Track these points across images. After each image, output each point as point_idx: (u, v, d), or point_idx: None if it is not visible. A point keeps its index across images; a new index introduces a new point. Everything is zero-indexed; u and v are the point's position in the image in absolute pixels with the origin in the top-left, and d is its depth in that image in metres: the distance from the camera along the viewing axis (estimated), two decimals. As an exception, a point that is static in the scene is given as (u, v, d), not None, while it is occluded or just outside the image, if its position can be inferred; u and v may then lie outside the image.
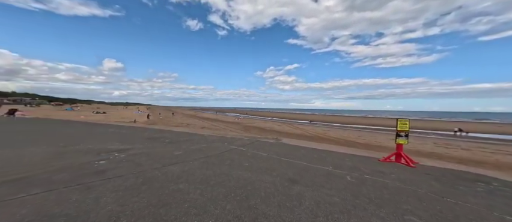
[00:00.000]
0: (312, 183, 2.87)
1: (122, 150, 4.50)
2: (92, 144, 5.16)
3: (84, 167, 3.21)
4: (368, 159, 4.74)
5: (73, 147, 4.72)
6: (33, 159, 3.68)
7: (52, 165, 3.24)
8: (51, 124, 11.57)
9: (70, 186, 2.41)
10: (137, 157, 3.92)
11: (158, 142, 5.70)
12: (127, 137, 6.49)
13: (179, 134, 7.56)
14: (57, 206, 1.91)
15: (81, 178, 2.69)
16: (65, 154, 4.06)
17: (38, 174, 2.80)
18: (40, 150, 4.34)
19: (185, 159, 3.86)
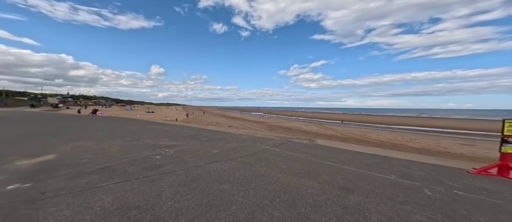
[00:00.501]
0: (373, 194, 2.41)
1: (170, 147, 4.97)
2: (148, 140, 5.87)
3: (146, 160, 3.62)
4: (447, 169, 3.87)
5: (136, 142, 5.44)
6: (111, 150, 4.36)
7: (125, 157, 3.77)
8: (118, 121, 13.71)
9: (138, 178, 2.73)
10: (182, 153, 4.24)
11: (197, 140, 6.11)
12: (172, 135, 7.16)
13: (213, 133, 7.97)
14: (132, 197, 2.15)
15: (145, 171, 3.03)
16: (131, 148, 4.72)
17: (116, 165, 3.28)
18: (114, 144, 5.13)
19: (223, 158, 3.97)
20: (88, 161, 3.48)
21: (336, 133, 16.39)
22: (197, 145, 5.24)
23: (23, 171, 2.87)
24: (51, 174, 2.74)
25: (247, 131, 10.35)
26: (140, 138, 6.18)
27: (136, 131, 7.89)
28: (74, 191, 2.25)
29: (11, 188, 2.28)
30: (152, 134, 7.09)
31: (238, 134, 7.90)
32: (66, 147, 4.53)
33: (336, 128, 21.21)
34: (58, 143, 5.01)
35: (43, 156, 3.72)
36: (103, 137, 6.16)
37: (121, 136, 6.44)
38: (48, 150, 4.18)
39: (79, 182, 2.49)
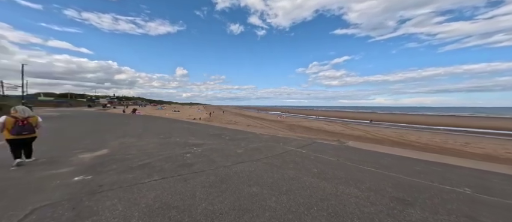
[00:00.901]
0: (445, 211, 1.93)
1: (198, 145, 5.15)
2: (178, 138, 6.21)
3: (178, 158, 3.79)
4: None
5: (168, 140, 5.82)
6: (149, 147, 4.71)
7: (161, 154, 4.03)
8: (152, 120, 15.04)
9: (174, 176, 2.84)
10: (209, 153, 4.33)
11: (221, 139, 6.23)
12: (198, 133, 7.46)
13: (234, 132, 8.07)
14: (170, 196, 2.21)
15: (179, 169, 3.15)
16: (165, 145, 5.04)
17: (154, 162, 3.50)
18: (151, 141, 5.56)
19: (249, 158, 3.92)
20: (133, 156, 3.80)
21: (365, 134, 14.61)
22: (221, 144, 5.32)
23: (85, 164, 3.26)
24: (106, 168, 3.05)
25: (267, 130, 10.22)
26: (171, 136, 6.59)
27: (167, 129, 8.47)
28: (123, 185, 2.43)
29: (77, 180, 2.58)
30: (180, 132, 7.51)
31: (259, 133, 7.82)
32: (115, 143, 5.07)
33: (365, 128, 18.81)
34: (109, 139, 5.65)
35: (99, 151, 4.20)
36: (142, 135, 6.75)
37: (156, 134, 6.97)
38: (102, 146, 4.72)
39: (127, 177, 2.69)
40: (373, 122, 29.42)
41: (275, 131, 11.35)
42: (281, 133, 8.70)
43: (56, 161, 3.39)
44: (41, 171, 2.84)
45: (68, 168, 3.00)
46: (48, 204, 1.88)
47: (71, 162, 3.32)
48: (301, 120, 32.10)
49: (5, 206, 1.83)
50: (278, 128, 17.57)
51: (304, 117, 40.99)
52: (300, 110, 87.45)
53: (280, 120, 30.81)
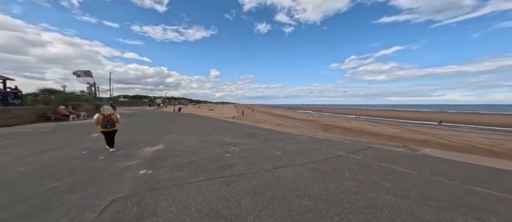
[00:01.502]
0: None
1: (235, 144, 5.14)
2: (216, 136, 6.49)
3: (219, 158, 3.82)
4: None
5: (207, 138, 6.14)
6: (193, 144, 5.04)
7: (203, 153, 4.20)
8: (193, 118, 16.84)
9: (217, 178, 2.78)
10: (247, 153, 4.19)
11: (256, 139, 6.07)
12: (232, 132, 7.62)
13: (268, 132, 7.81)
14: (216, 201, 2.08)
15: (221, 170, 3.09)
16: (205, 143, 5.31)
17: (199, 160, 3.63)
18: (194, 138, 5.96)
19: (290, 162, 3.53)
20: (181, 153, 4.10)
21: (434, 138, 11.21)
22: (257, 145, 5.13)
23: (147, 158, 3.71)
24: (162, 164, 3.35)
25: (301, 130, 9.44)
26: (209, 133, 6.97)
27: (206, 127, 9.12)
28: (175, 183, 2.53)
29: (142, 173, 2.90)
30: (217, 130, 7.88)
31: (295, 134, 7.25)
32: (167, 139, 5.74)
33: (432, 132, 14.42)
34: (163, 135, 6.49)
35: (156, 146, 4.81)
36: (186, 131, 7.47)
37: (197, 131, 7.57)
38: (159, 141, 5.41)
39: (178, 175, 2.83)
40: (443, 124, 22.52)
41: (309, 131, 10.38)
42: (319, 134, 7.76)
43: (128, 153, 4.05)
44: (119, 162, 3.40)
45: (136, 161, 3.47)
46: (121, 197, 2.11)
47: (138, 155, 3.87)
48: (337, 120, 28.64)
49: (93, 194, 2.16)
50: (311, 128, 16.18)
51: (340, 116, 36.37)
52: (334, 108, 78.34)
53: (312, 120, 28.49)
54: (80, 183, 2.46)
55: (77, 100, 14.43)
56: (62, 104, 11.66)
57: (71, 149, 4.28)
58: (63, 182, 2.49)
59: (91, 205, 1.91)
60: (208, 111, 40.07)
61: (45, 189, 2.25)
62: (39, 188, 2.29)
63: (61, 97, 13.25)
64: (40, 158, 3.50)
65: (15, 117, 8.25)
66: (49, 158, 3.55)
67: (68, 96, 14.65)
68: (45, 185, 2.37)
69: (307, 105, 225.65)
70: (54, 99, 12.26)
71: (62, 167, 3.09)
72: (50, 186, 2.33)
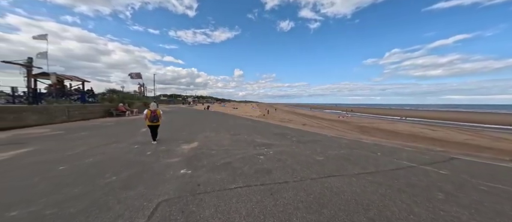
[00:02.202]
0: None
1: (267, 145, 4.79)
2: (245, 135, 6.30)
3: (253, 160, 3.51)
4: None
5: (238, 137, 6.00)
6: (225, 143, 4.94)
7: (237, 153, 4.01)
8: (220, 115, 17.55)
9: (257, 185, 2.46)
10: (283, 157, 3.77)
11: (288, 140, 5.56)
12: (261, 131, 7.31)
13: (299, 133, 7.17)
14: (262, 216, 1.76)
15: (259, 175, 2.77)
16: (236, 143, 5.16)
17: (234, 162, 3.42)
18: (225, 137, 5.88)
19: (339, 171, 2.93)
20: (215, 153, 4.03)
21: None
22: (291, 147, 4.64)
23: (185, 156, 3.77)
24: (199, 163, 3.31)
25: (337, 132, 8.26)
26: (239, 132, 6.87)
27: (234, 126, 9.16)
28: (215, 189, 2.35)
29: (182, 173, 2.87)
30: (246, 129, 7.73)
31: (332, 135, 6.37)
32: (201, 136, 5.91)
33: None
34: (197, 131, 6.77)
35: (192, 143, 4.95)
36: (217, 130, 7.61)
37: (227, 130, 7.61)
38: (194, 138, 5.61)
39: (216, 178, 2.66)
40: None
41: (344, 133, 9.06)
42: (364, 137, 6.56)
43: (169, 150, 4.26)
44: (163, 159, 3.55)
45: (176, 159, 3.56)
46: (166, 200, 2.05)
47: (177, 153, 4.00)
48: (375, 121, 24.78)
49: (142, 194, 2.18)
50: (345, 130, 14.37)
51: (378, 117, 31.27)
52: (369, 108, 68.04)
53: (343, 120, 25.50)
54: (133, 179, 2.58)
55: (131, 98, 17.18)
56: (121, 101, 14.04)
57: (126, 142, 4.85)
58: (119, 176, 2.67)
59: (141, 207, 1.89)
60: (233, 109, 41.51)
61: (106, 184, 2.43)
62: (101, 180, 2.50)
63: (121, 96, 16.01)
64: (104, 150, 4.04)
65: (91, 112, 10.37)
66: (111, 150, 4.06)
67: (125, 95, 17.60)
68: (106, 178, 2.59)
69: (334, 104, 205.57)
70: (116, 97, 14.90)
71: (120, 160, 3.42)
72: (109, 180, 2.52)
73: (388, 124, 20.55)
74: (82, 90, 12.24)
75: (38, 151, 3.79)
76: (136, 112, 14.12)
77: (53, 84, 9.79)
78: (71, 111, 8.69)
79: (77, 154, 3.65)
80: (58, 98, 9.53)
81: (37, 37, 9.30)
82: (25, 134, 5.66)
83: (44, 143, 4.53)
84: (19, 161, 3.21)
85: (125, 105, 13.74)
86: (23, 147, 4.13)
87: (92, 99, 12.58)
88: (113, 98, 14.65)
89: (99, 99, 13.37)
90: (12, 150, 3.85)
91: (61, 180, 2.46)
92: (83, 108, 9.89)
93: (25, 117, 6.46)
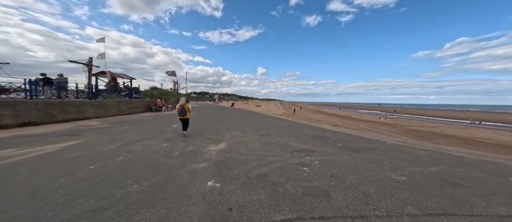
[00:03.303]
0: None
1: (306, 152, 3.79)
2: (277, 137, 5.31)
3: (297, 174, 2.61)
4: None
5: (268, 138, 5.11)
6: (255, 146, 4.14)
7: (271, 162, 3.19)
8: (245, 113, 17.13)
9: (314, 218, 1.64)
10: (337, 170, 2.74)
11: (331, 145, 4.37)
12: (294, 133, 6.27)
13: (340, 135, 5.80)
14: None
15: (312, 201, 1.86)
16: (268, 146, 4.32)
17: (271, 174, 2.60)
18: (253, 138, 5.10)
19: (453, 206, 1.74)
20: (245, 158, 3.36)
21: None
22: (342, 156, 3.52)
23: (213, 161, 3.25)
24: (229, 173, 2.70)
25: (386, 136, 6.25)
26: (268, 133, 6.07)
27: (261, 124, 8.44)
28: (253, 220, 1.59)
29: (210, 187, 2.29)
30: (275, 130, 6.87)
31: (393, 142, 4.76)
32: (228, 136, 5.41)
33: None
34: (223, 130, 6.36)
35: (220, 144, 4.46)
36: (244, 129, 7.04)
37: (254, 129, 6.94)
38: (221, 138, 5.15)
39: (252, 200, 1.93)
40: None
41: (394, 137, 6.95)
42: (448, 148, 4.59)
43: (196, 151, 3.86)
44: (189, 163, 3.11)
45: (203, 164, 3.05)
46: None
47: (204, 156, 3.52)
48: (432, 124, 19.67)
49: (159, 218, 1.64)
50: (392, 134, 11.60)
51: (435, 120, 24.78)
52: (418, 109, 55.43)
53: (387, 122, 21.29)
54: (154, 191, 2.14)
55: (167, 94, 19.01)
56: (159, 97, 15.56)
57: (157, 139, 4.77)
58: (141, 185, 2.29)
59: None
60: (256, 107, 41.31)
61: (124, 194, 2.05)
62: (121, 190, 2.14)
63: (159, 92, 17.89)
64: (136, 148, 3.94)
65: (135, 106, 11.75)
66: (140, 148, 3.94)
67: (163, 91, 19.64)
68: (127, 186, 2.24)
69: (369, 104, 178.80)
70: (155, 94, 16.68)
71: (147, 161, 3.15)
72: (129, 190, 2.15)
73: (456, 129, 15.72)
74: (129, 87, 14.10)
75: (82, 145, 3.99)
76: (171, 107, 15.37)
77: (109, 82, 11.50)
78: (120, 105, 9.96)
79: (111, 151, 3.63)
80: (111, 93, 11.12)
81: (98, 40, 11.09)
82: (82, 125, 6.45)
83: (91, 136, 4.87)
84: (61, 155, 3.28)
85: (162, 100, 15.13)
86: (74, 139, 4.50)
87: (136, 95, 14.36)
88: (152, 94, 16.43)
89: (142, 95, 15.18)
90: (64, 142, 4.18)
91: (82, 186, 2.22)
92: (130, 103, 11.26)
93: (84, 111, 7.61)
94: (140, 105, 12.55)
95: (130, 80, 14.34)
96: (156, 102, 14.29)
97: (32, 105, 5.85)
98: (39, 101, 6.09)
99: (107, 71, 10.95)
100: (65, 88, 8.23)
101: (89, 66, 9.89)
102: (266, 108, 41.07)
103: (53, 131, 5.33)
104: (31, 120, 5.72)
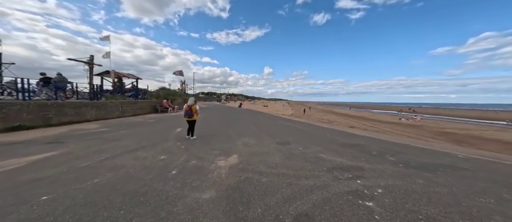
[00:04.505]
0: None
1: (352, 171, 2.71)
2: (300, 146, 4.27)
3: (359, 217, 1.65)
4: None
5: (288, 147, 4.07)
6: (275, 159, 3.12)
7: (307, 189, 2.15)
8: (253, 114, 16.19)
9: None
10: (426, 208, 1.68)
11: (382, 159, 3.24)
12: (318, 140, 5.17)
13: (377, 143, 4.60)
14: None
15: None
16: (294, 160, 3.23)
17: (315, 213, 1.71)
18: (271, 146, 4.13)
19: None
20: (268, 182, 2.39)
21: None
22: (414, 180, 2.41)
23: (223, 186, 2.32)
24: (249, 213, 1.72)
25: (439, 143, 4.69)
26: (287, 140, 5.03)
27: (275, 128, 7.41)
28: None
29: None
30: (293, 135, 5.80)
31: (466, 156, 3.41)
32: (240, 144, 4.47)
33: None
34: (234, 136, 5.43)
35: (231, 156, 3.55)
36: (256, 133, 6.08)
37: (268, 134, 5.95)
38: (232, 147, 4.24)
39: None
40: None
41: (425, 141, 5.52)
42: None
43: (201, 166, 2.96)
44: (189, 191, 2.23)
45: (210, 193, 2.13)
46: None
47: (211, 177, 2.61)
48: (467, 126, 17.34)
49: None
50: (424, 137, 9.98)
51: (462, 121, 22.06)
52: (436, 108, 51.06)
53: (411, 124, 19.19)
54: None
55: (174, 95, 18.65)
56: (166, 97, 15.12)
57: (154, 149, 3.93)
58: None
59: None
60: (263, 107, 40.26)
61: None
62: None
63: (165, 93, 17.53)
64: (123, 162, 3.10)
65: (140, 108, 11.30)
66: (130, 162, 3.10)
67: (169, 92, 19.31)
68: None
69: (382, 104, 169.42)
70: (162, 94, 16.30)
71: (133, 186, 2.31)
72: None
73: (497, 132, 13.50)
74: (134, 87, 13.75)
75: (58, 158, 3.12)
76: (177, 108, 14.85)
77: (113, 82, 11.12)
78: (124, 107, 9.50)
79: (89, 168, 2.78)
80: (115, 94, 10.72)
81: (103, 38, 10.70)
82: (77, 129, 5.74)
83: (77, 145, 4.08)
84: (16, 177, 2.44)
85: (168, 101, 14.66)
86: (54, 149, 3.71)
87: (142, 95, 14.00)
88: (159, 94, 16.06)
89: (148, 95, 14.83)
90: (40, 153, 3.40)
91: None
92: (134, 104, 10.83)
93: (84, 113, 7.12)
94: (145, 106, 12.11)
95: (136, 79, 14.01)
96: (162, 103, 13.82)
97: (23, 107, 5.33)
98: (32, 103, 5.59)
99: (111, 70, 10.56)
100: (63, 88, 7.81)
101: (90, 64, 9.51)
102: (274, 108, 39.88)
103: (40, 137, 4.66)
104: (22, 123, 5.20)
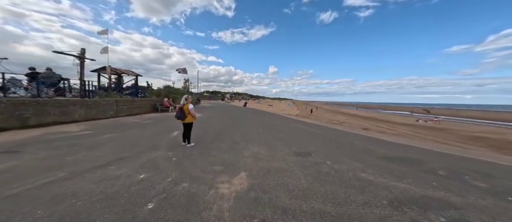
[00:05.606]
0: None
1: (431, 205, 1.71)
2: (326, 158, 3.25)
3: None
4: None
5: (311, 160, 3.06)
6: (301, 185, 2.15)
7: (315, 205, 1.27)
8: (260, 114, 15.20)
9: None
10: None
11: (459, 182, 2.19)
12: (343, 147, 4.14)
13: (420, 152, 3.50)
14: None
15: None
16: (325, 182, 2.29)
17: None
18: (289, 159, 3.14)
19: None
20: (291, 216, 1.40)
21: None
22: None
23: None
24: None
25: (475, 150, 3.59)
26: (307, 150, 4.03)
27: (287, 132, 6.40)
28: None
29: None
30: (311, 143, 4.76)
31: None
32: (248, 156, 3.51)
33: None
34: (240, 143, 4.51)
35: (237, 175, 2.62)
36: (266, 139, 5.08)
37: (281, 140, 4.96)
38: (238, 158, 3.32)
39: None
40: None
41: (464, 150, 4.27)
42: None
43: (192, 196, 2.05)
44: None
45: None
46: None
47: (207, 218, 1.67)
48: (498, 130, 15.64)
49: None
50: (455, 142, 8.61)
51: (492, 123, 20.13)
52: (450, 109, 48.40)
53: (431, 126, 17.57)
54: None
55: (176, 93, 18.01)
56: (167, 96, 14.45)
57: (135, 162, 3.05)
58: None
59: None
60: (268, 106, 39.24)
61: None
62: None
63: (167, 91, 16.90)
64: (82, 186, 2.22)
65: (138, 107, 10.64)
66: (92, 186, 2.19)
67: (171, 90, 18.71)
68: None
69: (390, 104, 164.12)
70: (162, 92, 15.66)
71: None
72: None
73: None
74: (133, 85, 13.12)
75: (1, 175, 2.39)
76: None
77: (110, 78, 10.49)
78: (119, 105, 8.82)
79: (16, 198, 1.90)
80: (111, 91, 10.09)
81: (100, 33, 10.08)
82: (54, 132, 4.84)
83: (35, 155, 3.08)
84: None
85: (169, 100, 13.98)
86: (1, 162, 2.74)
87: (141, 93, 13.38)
88: (160, 92, 15.43)
89: (148, 93, 14.21)
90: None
91: None
92: (132, 102, 10.17)
93: (71, 112, 6.42)
94: (144, 105, 11.44)
95: (136, 76, 13.38)
96: (163, 101, 13.15)
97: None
98: (4, 100, 4.90)
99: (107, 66, 9.94)
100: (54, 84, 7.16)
101: (82, 59, 8.88)
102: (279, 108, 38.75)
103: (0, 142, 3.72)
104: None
